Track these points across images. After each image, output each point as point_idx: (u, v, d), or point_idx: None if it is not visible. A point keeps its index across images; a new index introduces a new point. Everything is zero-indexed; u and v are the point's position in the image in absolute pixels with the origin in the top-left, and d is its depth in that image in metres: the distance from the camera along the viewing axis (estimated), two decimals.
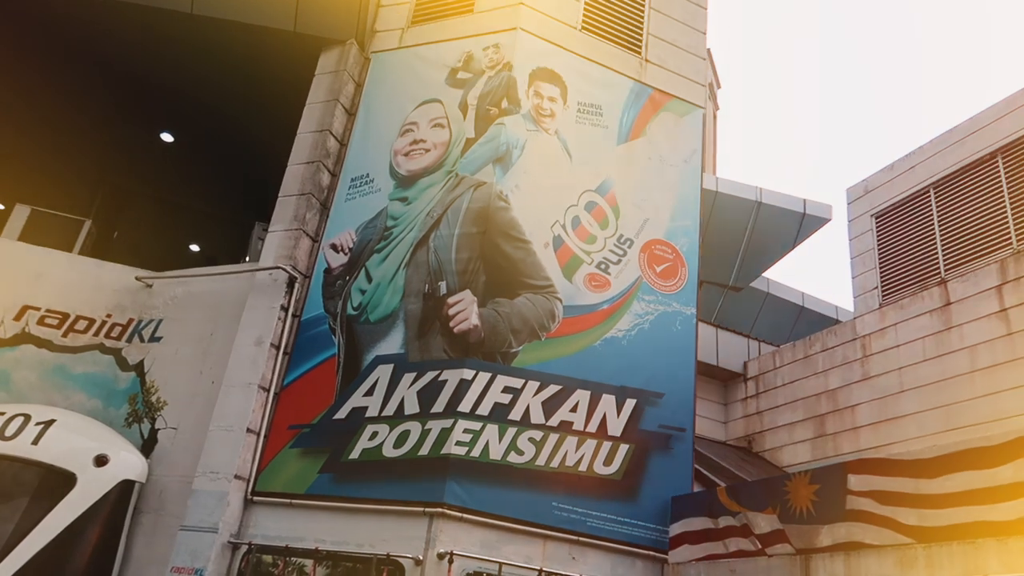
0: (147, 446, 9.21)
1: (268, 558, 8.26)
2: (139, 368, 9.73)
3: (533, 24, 10.49)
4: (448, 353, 8.74)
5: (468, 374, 8.55)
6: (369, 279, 9.43)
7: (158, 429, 9.29)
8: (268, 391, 9.05)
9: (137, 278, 10.21)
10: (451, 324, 8.85)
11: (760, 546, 7.65)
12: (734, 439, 16.03)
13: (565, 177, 9.94)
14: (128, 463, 8.81)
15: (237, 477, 8.55)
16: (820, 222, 16.45)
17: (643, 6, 11.59)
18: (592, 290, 9.53)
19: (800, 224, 16.71)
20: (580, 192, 9.94)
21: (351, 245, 9.75)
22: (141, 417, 9.41)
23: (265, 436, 8.93)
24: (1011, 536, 5.63)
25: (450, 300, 8.96)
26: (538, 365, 8.91)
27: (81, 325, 9.95)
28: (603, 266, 9.70)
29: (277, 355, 9.20)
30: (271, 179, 10.87)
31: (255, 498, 8.65)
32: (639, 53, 11.19)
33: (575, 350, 9.17)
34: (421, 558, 7.80)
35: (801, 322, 20.60)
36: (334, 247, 9.83)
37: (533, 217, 9.52)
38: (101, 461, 8.59)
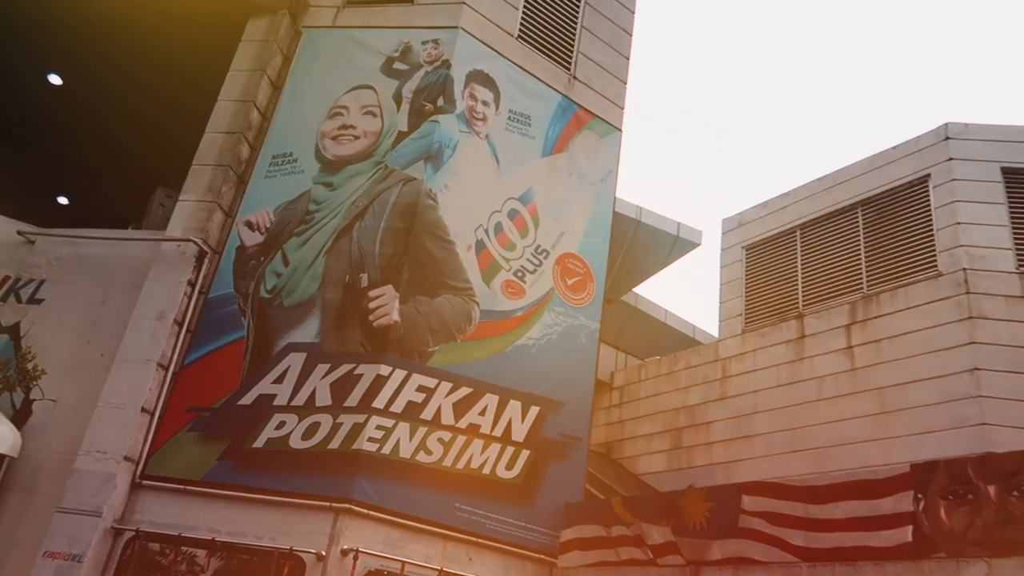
0: (19, 417, 8.46)
1: (156, 546, 7.85)
2: (14, 331, 8.89)
3: (474, 26, 10.52)
4: (365, 347, 8.65)
5: (385, 370, 8.50)
6: (286, 262, 9.14)
7: (33, 400, 8.55)
8: (167, 369, 8.57)
9: (19, 232, 9.31)
10: (371, 318, 8.76)
11: (652, 556, 8.16)
12: (594, 445, 16.74)
13: (491, 183, 10.07)
14: None
15: (127, 459, 8.05)
16: (691, 245, 17.46)
17: (575, 23, 11.90)
18: (508, 297, 9.72)
19: (673, 245, 17.66)
20: (504, 199, 10.10)
21: (268, 224, 9.39)
22: (13, 385, 8.62)
23: (160, 417, 8.45)
24: (888, 561, 6.39)
25: (371, 293, 8.86)
26: (452, 366, 9.00)
27: None
28: (520, 274, 9.92)
29: (180, 332, 8.72)
30: (175, 142, 10.24)
31: (144, 482, 8.18)
32: (568, 69, 11.49)
33: (488, 354, 9.34)
34: (324, 553, 7.70)
35: (662, 338, 21.74)
36: (249, 224, 9.43)
37: (459, 219, 9.58)
38: None
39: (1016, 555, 5.75)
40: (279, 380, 8.54)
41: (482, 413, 9.02)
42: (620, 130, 11.70)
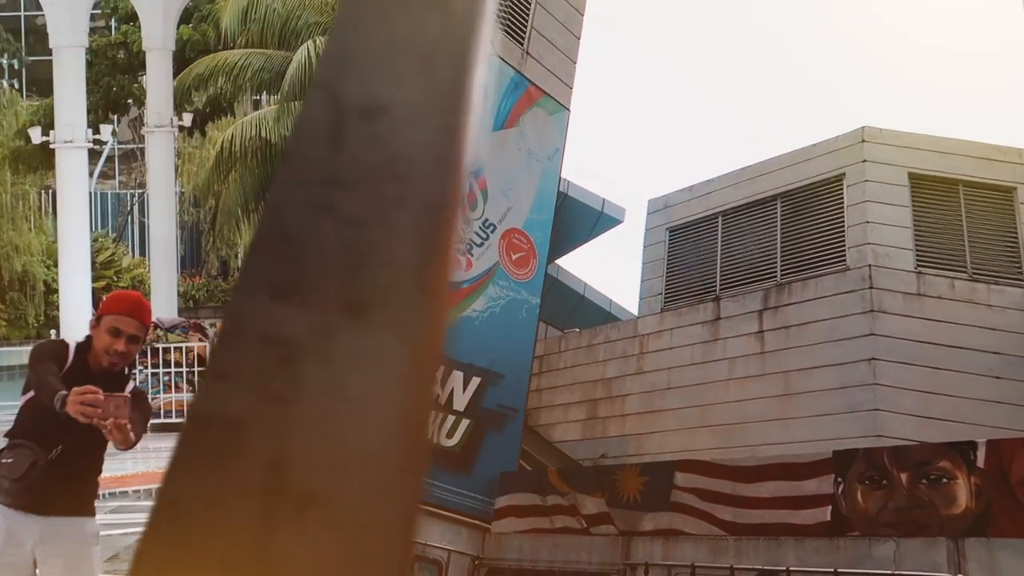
0: None
1: None
2: None
3: None
4: None
5: None
6: None
7: None
8: None
9: None
10: None
11: (585, 525, 8.62)
12: None
13: None
14: None
15: None
16: (613, 222, 17.93)
17: None
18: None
19: (596, 221, 18.09)
20: None
21: None
22: None
23: None
24: (808, 537, 7.05)
25: None
26: None
27: None
28: (468, 246, 10.05)
29: None
30: None
31: None
32: (522, 44, 11.53)
33: None
34: None
35: (580, 311, 22.28)
36: None
37: None
38: None
39: (921, 536, 6.49)
40: None
41: None
42: (569, 109, 11.89)
